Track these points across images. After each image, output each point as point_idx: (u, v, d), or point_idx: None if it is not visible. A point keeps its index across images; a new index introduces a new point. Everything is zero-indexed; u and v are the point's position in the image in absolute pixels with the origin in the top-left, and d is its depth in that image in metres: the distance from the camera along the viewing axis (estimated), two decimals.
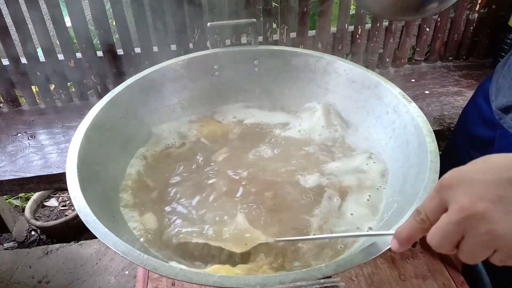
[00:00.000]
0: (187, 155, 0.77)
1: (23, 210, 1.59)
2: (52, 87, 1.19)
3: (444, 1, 0.69)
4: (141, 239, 0.60)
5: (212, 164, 0.74)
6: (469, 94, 1.08)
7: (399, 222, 0.49)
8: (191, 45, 1.10)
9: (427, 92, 1.16)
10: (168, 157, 0.76)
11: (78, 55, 1.09)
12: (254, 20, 0.85)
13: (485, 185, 0.32)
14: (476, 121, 0.80)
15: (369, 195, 0.67)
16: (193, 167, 0.74)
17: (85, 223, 0.50)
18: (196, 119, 0.86)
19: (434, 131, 0.62)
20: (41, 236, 1.56)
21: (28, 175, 0.89)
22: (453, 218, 0.33)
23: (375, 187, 0.68)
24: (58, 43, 1.06)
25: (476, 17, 1.23)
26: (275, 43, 1.13)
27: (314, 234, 0.61)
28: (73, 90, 1.18)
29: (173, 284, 0.68)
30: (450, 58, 1.31)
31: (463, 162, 0.36)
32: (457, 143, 0.88)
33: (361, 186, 0.69)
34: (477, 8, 1.21)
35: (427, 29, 1.23)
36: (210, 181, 0.70)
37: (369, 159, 0.74)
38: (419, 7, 0.69)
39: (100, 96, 0.72)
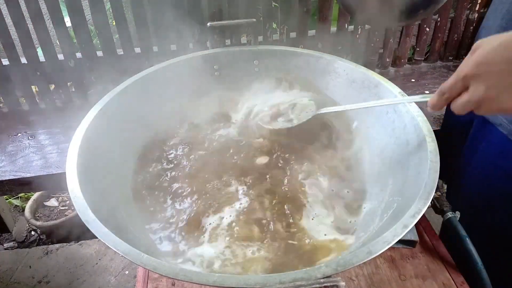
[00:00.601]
0: (186, 155, 0.77)
1: (23, 210, 1.59)
2: (52, 87, 1.19)
3: (429, 7, 0.69)
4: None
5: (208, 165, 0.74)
6: None
7: (399, 221, 0.49)
8: (191, 45, 1.10)
9: (427, 92, 1.16)
10: (167, 158, 0.76)
11: (78, 55, 1.09)
12: (254, 20, 0.85)
13: (499, 75, 0.44)
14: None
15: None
16: (191, 166, 0.74)
17: (85, 223, 0.50)
18: (195, 118, 0.86)
19: (434, 131, 0.62)
20: (41, 236, 1.56)
21: (28, 175, 0.89)
22: (473, 99, 0.46)
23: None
24: (58, 43, 1.06)
25: (476, 17, 1.23)
26: (275, 43, 1.13)
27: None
28: (73, 90, 1.18)
29: (173, 284, 0.68)
30: (450, 58, 1.31)
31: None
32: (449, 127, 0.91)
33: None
34: (477, 8, 1.21)
35: (427, 29, 1.23)
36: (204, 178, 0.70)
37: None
38: (407, 14, 0.69)
39: (100, 96, 0.72)
